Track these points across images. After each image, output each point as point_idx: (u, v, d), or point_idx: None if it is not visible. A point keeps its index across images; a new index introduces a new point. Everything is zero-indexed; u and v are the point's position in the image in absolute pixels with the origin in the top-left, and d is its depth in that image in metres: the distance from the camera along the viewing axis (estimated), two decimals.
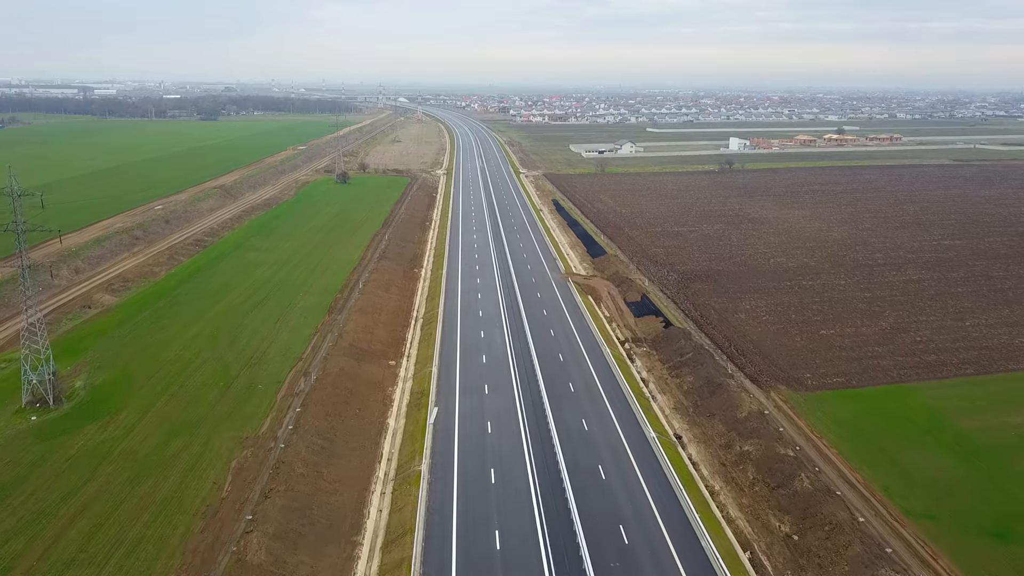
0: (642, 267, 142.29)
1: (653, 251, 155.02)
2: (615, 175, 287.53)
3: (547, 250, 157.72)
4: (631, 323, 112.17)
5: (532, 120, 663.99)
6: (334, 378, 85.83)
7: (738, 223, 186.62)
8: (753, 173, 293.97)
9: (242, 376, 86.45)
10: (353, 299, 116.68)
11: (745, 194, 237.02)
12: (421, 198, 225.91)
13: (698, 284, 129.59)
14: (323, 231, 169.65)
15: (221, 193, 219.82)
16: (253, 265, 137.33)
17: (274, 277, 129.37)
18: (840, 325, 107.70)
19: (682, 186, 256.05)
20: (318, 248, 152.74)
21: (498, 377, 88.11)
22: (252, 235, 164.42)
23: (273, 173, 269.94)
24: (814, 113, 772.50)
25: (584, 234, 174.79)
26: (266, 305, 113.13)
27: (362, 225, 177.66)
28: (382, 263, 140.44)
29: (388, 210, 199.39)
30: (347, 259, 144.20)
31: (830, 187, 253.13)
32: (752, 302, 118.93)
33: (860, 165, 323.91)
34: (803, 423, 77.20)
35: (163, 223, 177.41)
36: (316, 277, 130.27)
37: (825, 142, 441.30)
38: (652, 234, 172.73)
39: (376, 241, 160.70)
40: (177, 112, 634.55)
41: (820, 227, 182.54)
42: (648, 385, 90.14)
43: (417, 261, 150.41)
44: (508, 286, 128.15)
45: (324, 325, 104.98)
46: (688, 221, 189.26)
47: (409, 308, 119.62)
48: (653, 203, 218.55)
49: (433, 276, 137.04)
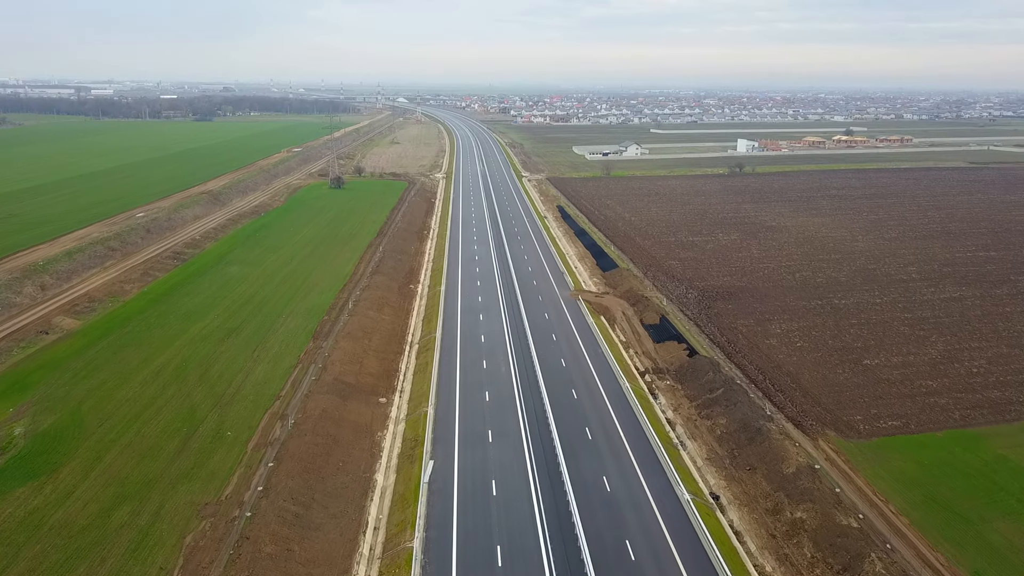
0: (658, 283, 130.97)
1: (668, 264, 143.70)
2: (621, 179, 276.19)
3: (553, 263, 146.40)
4: (650, 350, 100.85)
5: (533, 121, 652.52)
6: (315, 422, 74.56)
7: (756, 232, 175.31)
8: (764, 176, 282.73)
9: (209, 420, 75.14)
10: (342, 322, 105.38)
11: (759, 199, 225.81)
12: (419, 204, 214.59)
13: (721, 303, 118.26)
14: (313, 242, 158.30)
15: (208, 199, 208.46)
16: (235, 282, 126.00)
17: (256, 296, 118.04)
18: (884, 353, 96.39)
19: (692, 190, 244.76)
20: (307, 261, 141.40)
21: (503, 420, 76.82)
22: (236, 246, 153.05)
23: (265, 177, 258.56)
24: (819, 114, 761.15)
25: (592, 244, 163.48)
26: (244, 330, 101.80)
27: (355, 235, 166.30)
28: (375, 279, 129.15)
29: (384, 218, 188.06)
30: (338, 274, 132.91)
31: (847, 192, 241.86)
32: (783, 325, 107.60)
33: (874, 168, 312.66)
34: (862, 481, 65.89)
35: (143, 233, 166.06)
36: (302, 295, 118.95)
37: (834, 143, 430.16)
38: (666, 244, 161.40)
39: (370, 253, 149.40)
40: (172, 113, 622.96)
41: (843, 236, 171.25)
42: (675, 428, 78.84)
43: (413, 276, 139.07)
44: (512, 305, 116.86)
45: (307, 354, 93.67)
46: (702, 230, 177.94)
47: (403, 331, 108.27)
48: (663, 209, 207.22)
49: (431, 293, 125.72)
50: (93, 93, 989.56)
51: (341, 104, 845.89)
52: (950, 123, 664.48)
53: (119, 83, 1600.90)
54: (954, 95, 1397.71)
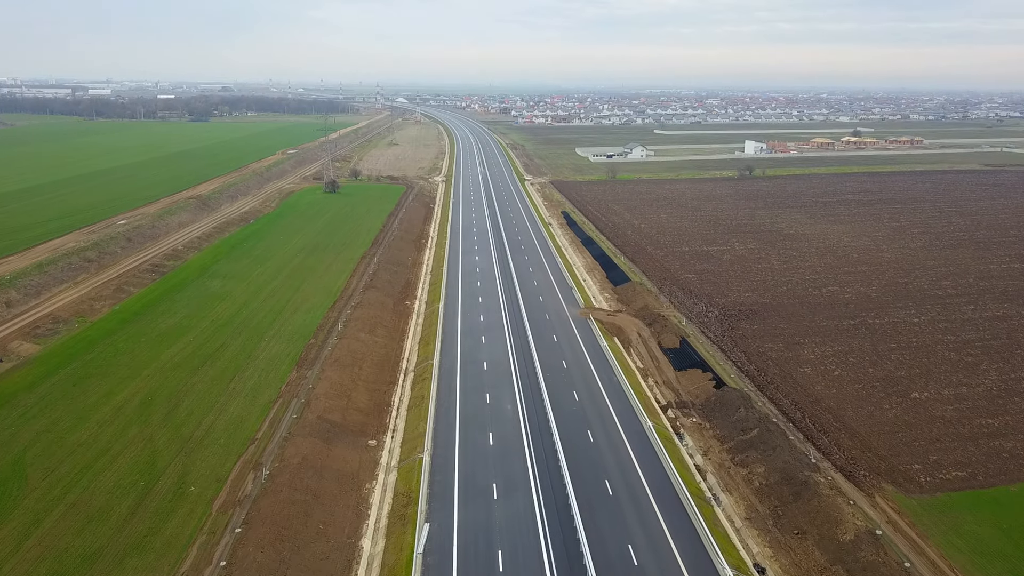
0: (674, 298, 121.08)
1: (684, 277, 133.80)
2: (627, 182, 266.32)
3: (560, 275, 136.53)
4: (671, 379, 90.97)
5: (535, 121, 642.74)
6: (293, 473, 64.71)
7: (773, 241, 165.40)
8: (775, 180, 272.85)
9: (172, 470, 65.26)
10: (330, 346, 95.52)
11: (772, 205, 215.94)
12: (417, 210, 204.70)
13: (745, 323, 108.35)
14: (304, 252, 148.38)
15: (196, 205, 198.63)
16: (216, 298, 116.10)
17: (238, 315, 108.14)
18: (933, 384, 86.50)
19: (702, 195, 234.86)
20: (296, 274, 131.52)
21: (510, 470, 66.92)
22: (221, 257, 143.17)
23: (257, 181, 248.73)
24: (824, 114, 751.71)
25: (601, 255, 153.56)
26: (222, 356, 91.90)
27: (349, 244, 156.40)
28: (369, 294, 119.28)
29: (380, 225, 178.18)
30: (328, 289, 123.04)
31: (863, 196, 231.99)
32: (816, 349, 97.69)
33: (888, 171, 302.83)
34: (934, 552, 56.03)
35: (123, 242, 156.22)
36: (289, 314, 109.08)
37: (843, 145, 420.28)
38: (679, 255, 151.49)
39: (364, 265, 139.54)
40: (167, 113, 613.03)
41: (866, 245, 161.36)
42: (706, 477, 68.96)
43: (410, 290, 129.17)
44: (517, 325, 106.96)
45: (290, 386, 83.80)
46: (717, 238, 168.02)
47: (398, 356, 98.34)
48: (674, 216, 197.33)
49: (428, 311, 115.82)
50: (90, 93, 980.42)
51: (339, 104, 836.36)
52: (957, 124, 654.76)
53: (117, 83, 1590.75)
54: (958, 95, 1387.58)
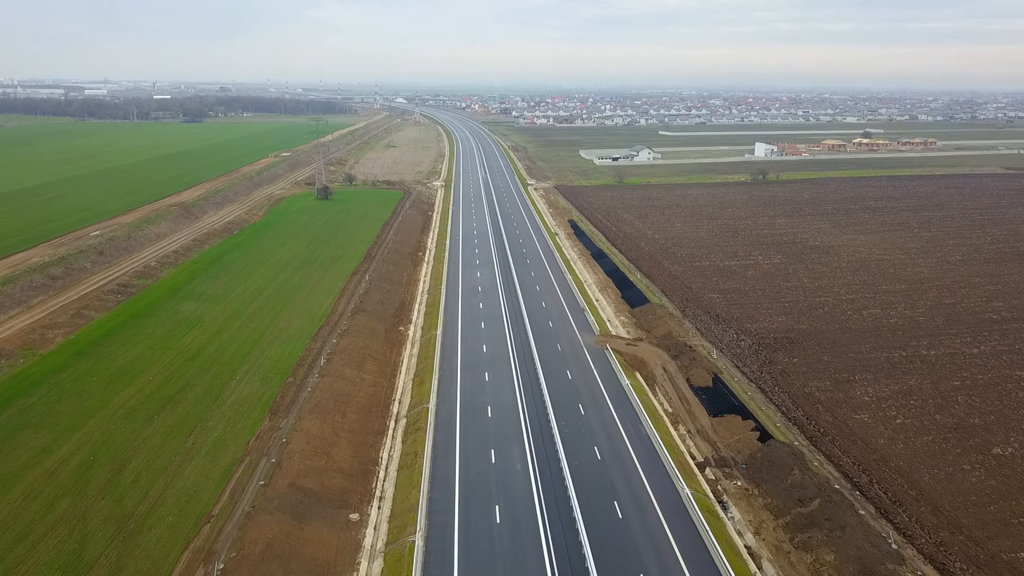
0: (700, 324, 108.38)
1: (708, 298, 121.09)
2: (636, 187, 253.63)
3: (571, 295, 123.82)
4: (706, 426, 78.24)
5: (536, 122, 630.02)
6: (254, 566, 52.00)
7: (799, 254, 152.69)
8: (791, 185, 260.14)
9: (102, 564, 52.55)
10: (310, 386, 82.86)
11: (792, 212, 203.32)
12: (414, 218, 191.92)
13: (783, 355, 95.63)
14: (289, 268, 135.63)
15: (179, 213, 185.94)
16: (186, 325, 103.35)
17: (208, 346, 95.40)
18: (1015, 435, 73.79)
19: (715, 201, 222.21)
20: (278, 295, 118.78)
21: (522, 559, 54.18)
22: (198, 275, 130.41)
23: (246, 186, 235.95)
24: (831, 115, 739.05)
25: (614, 270, 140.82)
26: (183, 400, 79.18)
27: (339, 259, 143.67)
28: (358, 319, 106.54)
29: (373, 236, 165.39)
30: (313, 313, 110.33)
31: (887, 203, 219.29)
32: (869, 389, 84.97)
33: (906, 174, 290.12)
34: None
35: (94, 256, 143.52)
36: (266, 345, 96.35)
37: (855, 147, 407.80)
38: (699, 271, 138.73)
39: (354, 283, 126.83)
40: (161, 114, 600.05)
41: (901, 260, 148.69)
42: (762, 567, 56.17)
43: (404, 313, 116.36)
44: (526, 358, 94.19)
45: (260, 439, 71.12)
46: (738, 251, 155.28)
47: (388, 397, 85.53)
48: (689, 225, 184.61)
49: (424, 340, 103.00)
50: (86, 93, 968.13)
51: (337, 105, 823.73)
52: (967, 124, 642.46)
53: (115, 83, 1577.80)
54: (962, 95, 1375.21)
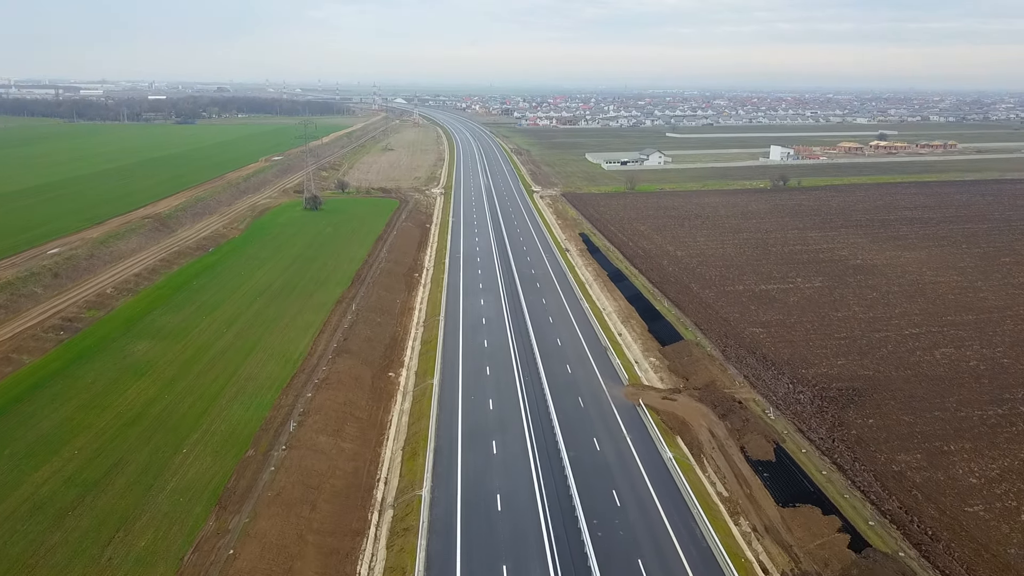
0: (745, 368, 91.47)
1: (749, 333, 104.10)
2: (649, 195, 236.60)
3: (590, 328, 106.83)
4: (775, 521, 61.24)
5: (539, 123, 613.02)
6: None
7: (842, 275, 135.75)
8: (814, 192, 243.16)
9: None
10: (274, 462, 66.01)
11: (822, 223, 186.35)
12: (411, 232, 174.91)
13: (854, 413, 78.69)
14: (266, 296, 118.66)
15: (152, 227, 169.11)
16: (133, 373, 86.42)
17: (156, 403, 78.49)
18: None
19: (737, 211, 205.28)
20: (250, 330, 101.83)
21: None
22: (159, 304, 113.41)
23: (230, 194, 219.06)
24: (840, 115, 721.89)
25: (636, 295, 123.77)
26: (109, 488, 62.25)
27: (324, 283, 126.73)
28: (340, 363, 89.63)
29: (364, 254, 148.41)
30: (287, 354, 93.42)
31: (923, 213, 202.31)
32: (973, 465, 67.96)
33: (934, 180, 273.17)
34: None
35: (49, 279, 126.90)
36: (227, 401, 79.45)
37: (873, 150, 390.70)
38: (734, 297, 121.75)
39: (338, 314, 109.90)
40: (153, 115, 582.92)
41: (958, 282, 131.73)
42: None
43: (395, 353, 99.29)
44: (542, 419, 77.22)
45: (198, 552, 54.19)
46: (772, 272, 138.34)
47: (371, 477, 68.50)
48: (713, 238, 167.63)
49: (418, 391, 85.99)
50: (81, 93, 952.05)
51: (335, 105, 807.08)
52: (980, 125, 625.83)
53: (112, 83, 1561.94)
54: (968, 95, 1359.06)
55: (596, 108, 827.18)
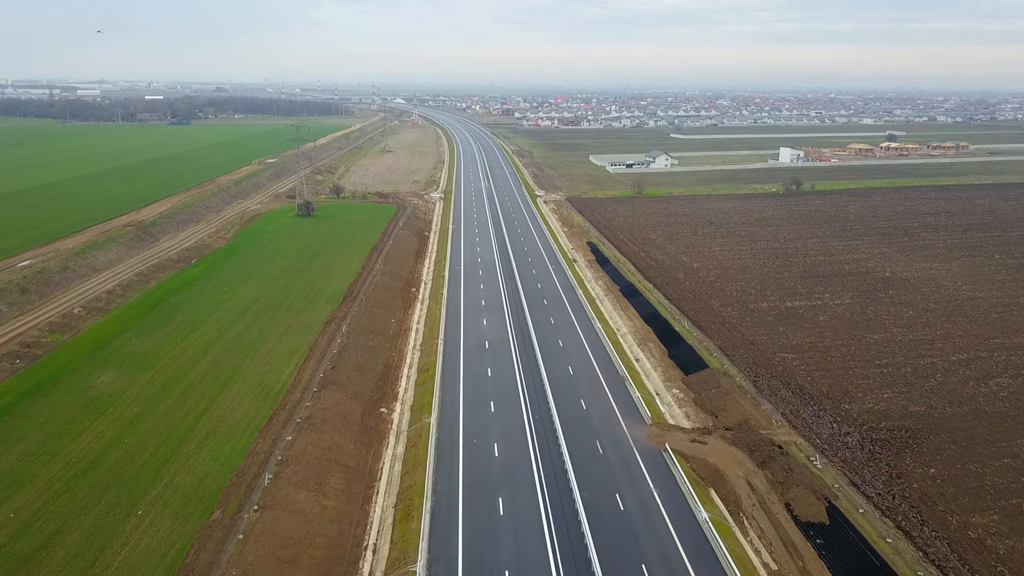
0: (781, 402, 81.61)
1: (780, 359, 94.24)
2: (658, 200, 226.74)
3: (604, 353, 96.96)
4: None
5: (540, 124, 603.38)
6: None
7: (872, 290, 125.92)
8: (830, 196, 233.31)
9: None
10: (243, 528, 56.17)
11: (842, 231, 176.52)
12: (408, 241, 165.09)
13: (913, 461, 68.79)
14: (249, 315, 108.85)
15: (133, 235, 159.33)
16: (93, 410, 76.60)
17: (113, 449, 68.67)
18: None
19: (752, 217, 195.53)
20: (228, 357, 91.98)
21: None
22: (131, 325, 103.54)
23: (219, 200, 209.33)
24: (846, 116, 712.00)
25: (653, 314, 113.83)
26: (43, 567, 52.38)
27: (313, 300, 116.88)
28: (326, 397, 79.81)
29: (358, 266, 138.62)
30: (268, 386, 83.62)
31: (946, 220, 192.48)
32: None
33: (952, 184, 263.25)
34: None
35: (16, 295, 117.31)
36: (195, 446, 69.60)
37: (884, 151, 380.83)
38: (759, 316, 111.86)
39: (327, 337, 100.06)
40: (147, 116, 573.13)
41: (998, 298, 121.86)
42: None
43: (389, 384, 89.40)
44: (556, 469, 67.29)
45: None
46: (797, 286, 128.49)
47: (357, 545, 58.48)
48: (729, 248, 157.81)
49: (413, 432, 76.07)
50: (78, 93, 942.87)
51: (333, 106, 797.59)
52: (988, 126, 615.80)
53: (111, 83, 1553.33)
54: (971, 95, 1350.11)
55: (598, 108, 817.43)
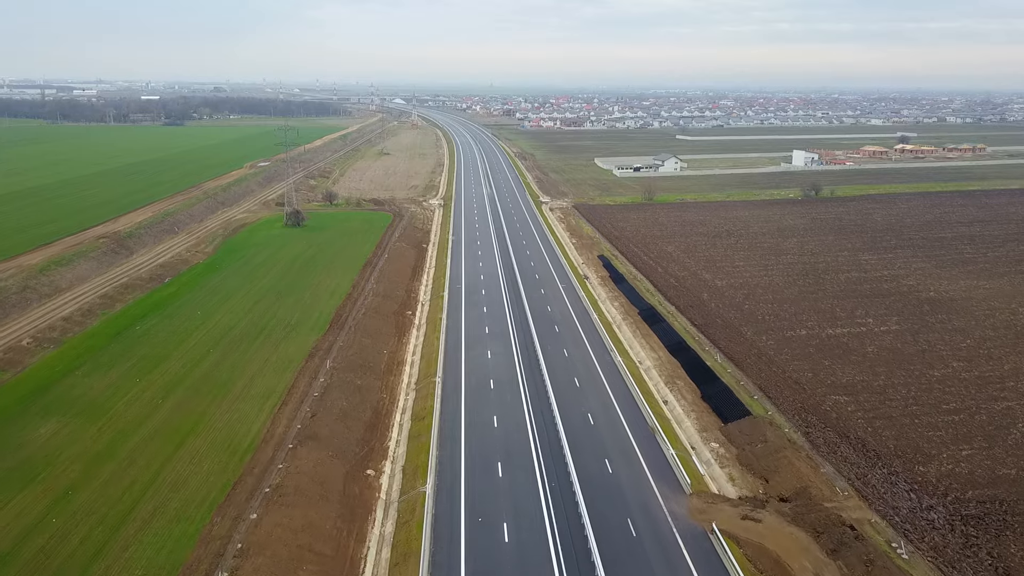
0: (842, 462, 68.78)
1: (832, 404, 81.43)
2: (671, 207, 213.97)
3: (629, 397, 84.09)
4: None
5: (542, 125, 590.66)
6: None
7: (919, 313, 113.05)
8: (852, 203, 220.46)
9: None
10: None
11: (873, 243, 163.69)
12: (404, 255, 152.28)
13: (1016, 548, 55.96)
14: (221, 346, 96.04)
15: (107, 248, 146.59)
16: (18, 478, 63.77)
17: (33, 537, 55.87)
18: None
19: (772, 226, 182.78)
20: (190, 403, 79.16)
21: None
22: (85, 360, 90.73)
23: (205, 207, 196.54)
24: (854, 117, 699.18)
25: (679, 345, 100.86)
26: None
27: (295, 328, 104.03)
28: (303, 455, 67.03)
29: (348, 285, 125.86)
30: (235, 441, 70.84)
31: (980, 229, 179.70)
32: None
33: (977, 188, 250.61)
34: None
35: None
36: (135, 530, 56.83)
37: (899, 154, 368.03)
38: (799, 346, 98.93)
39: (309, 373, 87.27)
40: (140, 116, 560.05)
41: None
42: None
43: (378, 435, 76.53)
44: (581, 559, 54.65)
45: None
46: (835, 309, 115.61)
47: None
48: (754, 263, 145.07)
49: (405, 505, 63.16)
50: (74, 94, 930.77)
51: (331, 106, 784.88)
52: (999, 127, 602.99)
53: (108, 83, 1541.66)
54: (975, 95, 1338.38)
55: (600, 109, 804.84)
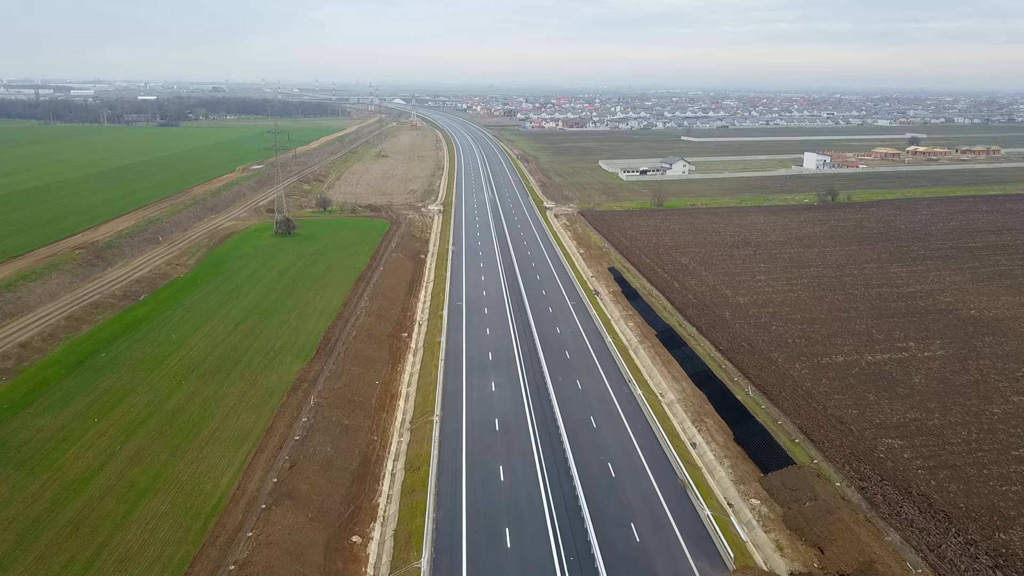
0: (907, 527, 58.79)
1: (886, 448, 71.39)
2: (682, 213, 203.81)
3: (652, 440, 74.05)
4: None
5: (544, 126, 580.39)
6: None
7: (964, 335, 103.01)
8: (871, 209, 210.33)
9: None
10: None
11: (899, 254, 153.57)
12: (401, 267, 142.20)
13: None
14: (194, 377, 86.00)
15: (83, 259, 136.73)
16: None
17: None
18: None
19: (790, 235, 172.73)
20: (150, 450, 69.17)
21: None
22: (39, 395, 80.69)
23: (192, 213, 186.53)
24: (860, 117, 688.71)
25: (705, 375, 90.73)
26: None
27: (278, 355, 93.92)
28: (276, 520, 57.02)
29: (339, 303, 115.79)
30: (196, 502, 60.83)
31: (1013, 238, 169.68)
32: None
33: (1001, 194, 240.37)
34: None
35: None
36: None
37: (912, 156, 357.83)
38: (836, 376, 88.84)
39: (289, 414, 77.23)
40: (135, 117, 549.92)
41: None
42: None
43: (366, 493, 66.40)
44: None
45: None
46: (871, 330, 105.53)
47: None
48: (775, 276, 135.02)
49: None
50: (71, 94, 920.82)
51: (330, 106, 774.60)
52: (1008, 128, 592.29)
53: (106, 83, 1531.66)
54: (978, 95, 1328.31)
55: (602, 109, 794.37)
